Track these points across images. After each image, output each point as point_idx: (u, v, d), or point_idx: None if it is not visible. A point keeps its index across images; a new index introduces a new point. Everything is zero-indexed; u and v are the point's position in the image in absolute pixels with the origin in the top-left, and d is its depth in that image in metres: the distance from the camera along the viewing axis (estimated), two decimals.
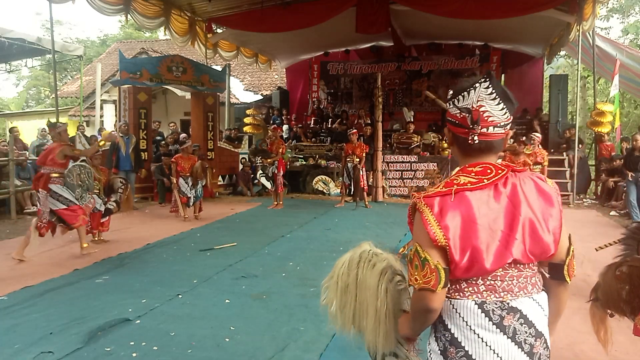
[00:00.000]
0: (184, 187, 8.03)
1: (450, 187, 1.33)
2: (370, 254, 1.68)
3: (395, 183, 10.65)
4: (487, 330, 1.30)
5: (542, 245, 1.32)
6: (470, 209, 1.29)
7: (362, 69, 14.71)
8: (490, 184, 1.33)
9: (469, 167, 1.39)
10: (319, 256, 5.52)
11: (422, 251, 1.31)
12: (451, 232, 1.28)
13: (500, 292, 1.31)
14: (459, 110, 1.38)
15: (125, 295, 4.15)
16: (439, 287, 1.28)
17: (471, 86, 1.37)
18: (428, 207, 1.32)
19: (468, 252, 1.28)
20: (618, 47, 11.70)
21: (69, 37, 29.01)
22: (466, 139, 1.38)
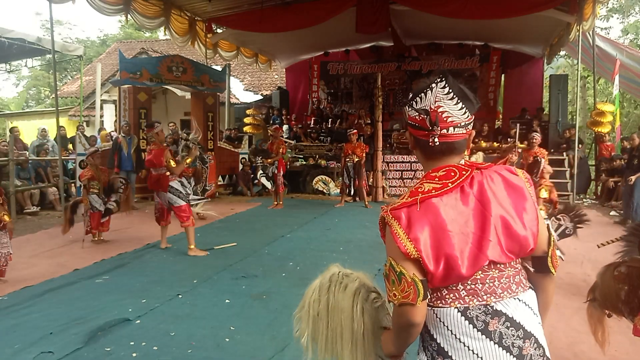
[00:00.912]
0: None
1: (416, 196, 1.29)
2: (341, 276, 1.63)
3: (395, 183, 10.65)
4: (472, 337, 1.26)
5: (519, 241, 1.29)
6: (438, 216, 1.26)
7: (362, 69, 14.71)
8: (455, 187, 1.29)
9: (432, 173, 1.35)
10: (319, 256, 5.52)
11: (396, 265, 1.28)
12: (422, 243, 1.24)
13: (483, 295, 1.27)
14: (417, 112, 1.34)
15: (125, 295, 4.15)
16: (419, 300, 1.24)
17: (428, 87, 1.33)
18: (396, 220, 1.29)
19: (442, 261, 1.24)
20: (618, 47, 11.70)
21: (69, 37, 29.03)
22: (427, 142, 1.34)
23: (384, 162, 10.43)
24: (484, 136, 11.24)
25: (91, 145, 9.27)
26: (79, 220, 6.45)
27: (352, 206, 9.41)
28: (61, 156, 9.07)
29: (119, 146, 9.05)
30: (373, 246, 6.05)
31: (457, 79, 1.40)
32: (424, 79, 1.47)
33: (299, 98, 15.57)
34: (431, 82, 1.34)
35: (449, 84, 1.32)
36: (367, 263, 5.24)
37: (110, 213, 6.40)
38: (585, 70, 15.76)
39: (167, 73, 10.29)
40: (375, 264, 5.20)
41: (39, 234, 6.95)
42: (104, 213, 6.31)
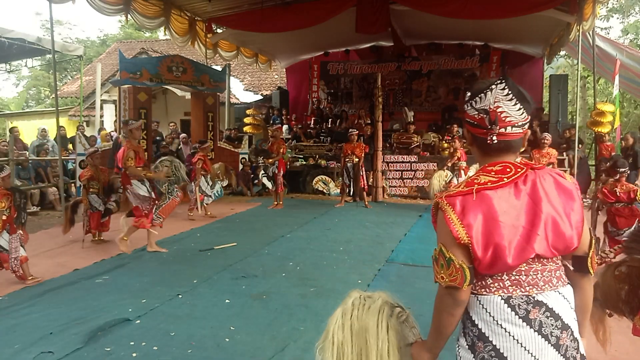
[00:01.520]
0: (205, 185, 8.14)
1: (472, 186, 1.38)
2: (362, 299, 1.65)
3: (395, 183, 10.65)
4: (514, 324, 1.33)
5: (565, 239, 1.36)
6: (492, 207, 1.34)
7: (362, 69, 14.70)
8: (510, 182, 1.37)
9: (488, 167, 1.43)
10: (319, 256, 5.52)
11: (446, 251, 1.36)
12: (474, 230, 1.33)
13: (526, 286, 1.35)
14: (477, 111, 1.42)
15: (125, 295, 4.15)
16: (465, 285, 1.34)
17: (488, 88, 1.41)
18: (450, 207, 1.37)
19: (491, 249, 1.32)
20: (618, 47, 11.69)
21: (69, 37, 29.03)
22: (485, 139, 1.42)
23: (384, 162, 10.43)
24: None
25: (91, 145, 9.28)
26: (79, 220, 6.45)
27: (352, 206, 9.41)
28: (61, 156, 9.07)
29: (119, 146, 9.03)
30: (373, 246, 6.05)
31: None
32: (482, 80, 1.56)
33: (299, 98, 15.56)
34: (491, 84, 1.41)
35: (508, 85, 1.40)
36: (367, 263, 5.24)
37: (110, 213, 6.41)
38: (585, 70, 15.76)
39: (167, 73, 10.28)
40: (375, 263, 5.21)
41: (39, 234, 6.95)
42: (104, 213, 6.31)
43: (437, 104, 13.91)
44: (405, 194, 10.54)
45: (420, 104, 14.10)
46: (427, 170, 10.44)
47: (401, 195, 10.55)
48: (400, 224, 7.46)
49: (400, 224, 7.51)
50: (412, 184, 10.51)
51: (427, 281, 4.59)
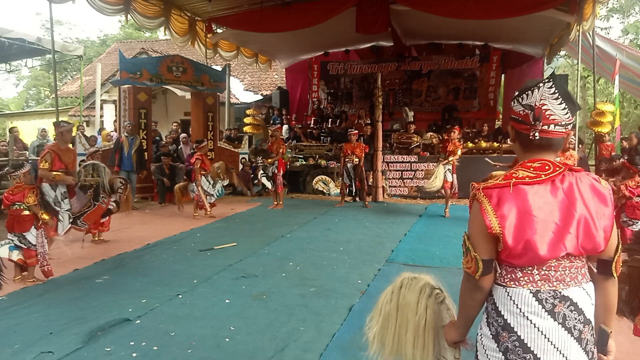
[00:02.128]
0: (206, 185, 8.14)
1: (509, 179, 1.42)
2: (410, 279, 1.81)
3: (395, 183, 10.65)
4: (539, 316, 1.39)
5: (594, 242, 1.40)
6: (527, 202, 1.39)
7: (362, 69, 14.70)
8: (547, 179, 1.41)
9: (528, 163, 1.47)
10: (319, 256, 5.52)
11: (467, 241, 1.46)
12: (507, 221, 1.38)
13: (554, 281, 1.40)
14: (523, 107, 1.46)
15: (125, 295, 4.15)
16: (477, 275, 1.42)
17: (535, 86, 1.44)
18: (487, 198, 1.43)
19: (522, 241, 1.37)
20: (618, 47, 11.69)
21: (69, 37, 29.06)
22: (527, 135, 1.46)
23: (384, 162, 10.42)
24: (484, 136, 11.24)
25: (91, 145, 9.29)
26: None
27: (352, 206, 9.40)
28: None
29: (120, 145, 9.05)
30: (373, 246, 6.05)
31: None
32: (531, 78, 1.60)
33: (299, 98, 15.56)
34: (539, 82, 1.45)
35: (556, 85, 1.43)
36: (367, 263, 5.24)
37: (110, 213, 6.40)
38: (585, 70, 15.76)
39: (167, 73, 10.29)
40: (375, 264, 5.21)
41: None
42: (104, 213, 6.30)
43: (437, 104, 13.92)
44: (405, 194, 10.54)
45: (420, 104, 14.11)
46: (427, 170, 10.44)
47: (401, 195, 10.55)
48: (400, 224, 7.46)
49: (400, 223, 7.51)
50: (412, 184, 10.51)
51: None
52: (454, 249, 5.81)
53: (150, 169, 10.10)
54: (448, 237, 6.51)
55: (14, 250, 4.59)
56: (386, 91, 13.39)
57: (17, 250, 4.60)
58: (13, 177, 4.74)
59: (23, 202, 4.63)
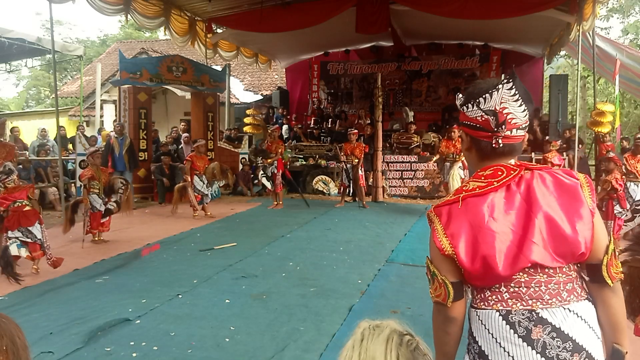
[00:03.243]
0: (200, 185, 8.13)
1: (459, 194, 1.31)
2: (371, 328, 1.57)
3: (395, 183, 10.64)
4: (513, 343, 1.23)
5: (568, 244, 1.23)
6: (478, 214, 1.26)
7: (362, 69, 14.70)
8: (500, 185, 1.28)
9: (480, 172, 1.35)
10: (319, 256, 5.52)
11: (431, 265, 1.33)
12: (459, 239, 1.25)
13: (527, 299, 1.24)
14: (483, 112, 1.31)
15: (125, 295, 4.15)
16: (449, 301, 1.28)
17: (494, 87, 1.30)
18: (437, 217, 1.32)
19: (479, 259, 1.24)
20: (618, 47, 11.69)
21: (69, 37, 29.04)
22: (489, 143, 1.32)
23: (384, 162, 10.42)
24: None
25: (91, 145, 9.28)
26: (79, 220, 6.45)
27: (352, 206, 9.40)
28: (61, 156, 9.07)
29: (111, 147, 9.12)
30: (373, 246, 6.05)
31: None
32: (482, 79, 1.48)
33: (299, 98, 15.56)
34: (497, 83, 1.31)
35: (516, 85, 1.30)
36: (367, 263, 5.24)
37: (110, 213, 6.41)
38: (585, 70, 15.75)
39: (167, 73, 10.29)
40: (375, 264, 5.21)
41: None
42: (104, 213, 6.31)
43: (437, 104, 13.92)
44: (405, 194, 10.53)
45: (420, 104, 14.11)
46: (426, 170, 10.44)
47: (401, 195, 10.54)
48: (400, 224, 7.46)
49: (400, 224, 7.51)
50: (412, 184, 10.50)
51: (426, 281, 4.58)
52: None
53: (151, 169, 10.11)
54: None
55: (21, 248, 4.75)
56: (386, 91, 13.38)
57: (23, 247, 4.77)
58: (7, 183, 4.84)
59: (26, 198, 4.79)
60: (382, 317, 3.73)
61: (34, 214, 4.86)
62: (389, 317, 1.62)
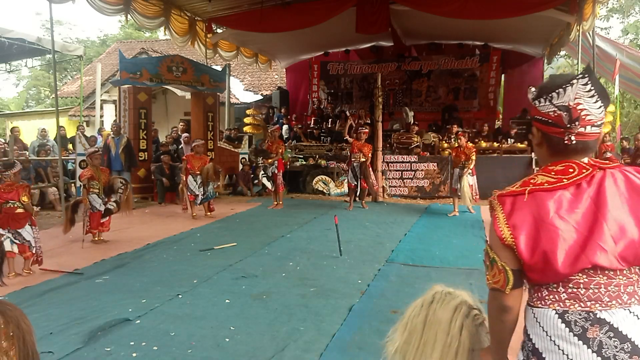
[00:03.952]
0: (192, 185, 8.13)
1: (526, 186, 1.30)
2: (443, 294, 1.65)
3: (395, 183, 10.64)
4: (568, 342, 1.22)
5: (634, 248, 1.21)
6: (543, 209, 1.25)
7: (362, 69, 14.71)
8: (570, 183, 1.26)
9: (550, 166, 1.33)
10: (319, 256, 5.52)
11: (491, 252, 1.32)
12: (520, 231, 1.25)
13: (586, 301, 1.23)
14: (555, 107, 1.29)
15: (125, 295, 4.15)
16: (508, 288, 1.28)
17: (568, 82, 1.27)
18: (500, 205, 1.32)
19: (539, 253, 1.23)
20: (618, 47, 11.69)
21: (69, 37, 29.03)
22: (561, 139, 1.30)
23: (384, 162, 10.42)
24: (484, 136, 11.24)
25: (91, 145, 9.29)
26: (79, 220, 6.45)
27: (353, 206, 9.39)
28: (61, 156, 9.07)
29: (107, 147, 9.14)
30: (373, 246, 6.05)
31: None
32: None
33: (299, 98, 15.57)
34: (572, 78, 1.28)
35: (591, 80, 1.27)
36: (367, 263, 5.24)
37: (110, 213, 6.41)
38: None
39: (167, 73, 10.29)
40: (375, 264, 5.21)
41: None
42: (104, 213, 6.31)
43: (437, 104, 13.92)
44: (405, 194, 10.53)
45: (420, 104, 14.11)
46: (427, 170, 10.44)
47: (401, 195, 10.54)
48: (400, 224, 7.46)
49: (400, 224, 7.51)
50: (412, 184, 10.50)
51: (427, 281, 4.58)
52: (454, 249, 5.82)
53: (151, 169, 10.11)
54: (448, 237, 6.52)
55: (12, 244, 4.79)
56: (386, 91, 13.39)
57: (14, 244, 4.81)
58: (4, 176, 4.81)
59: (17, 200, 4.73)
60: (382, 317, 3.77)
61: (24, 216, 4.81)
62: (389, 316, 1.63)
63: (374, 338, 3.26)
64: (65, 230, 6.21)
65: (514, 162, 10.20)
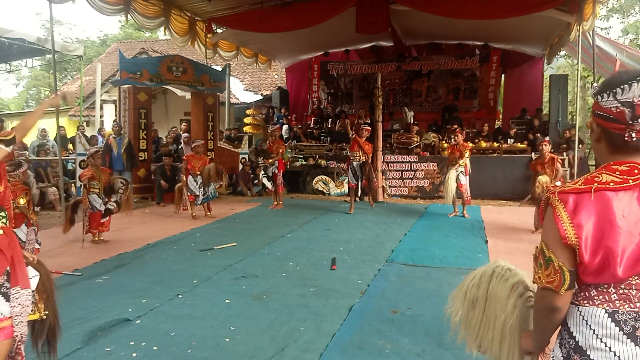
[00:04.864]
0: (193, 185, 8.12)
1: (590, 184, 1.27)
2: (504, 269, 1.68)
3: (395, 183, 10.64)
4: (617, 340, 1.23)
5: None
6: (609, 210, 1.23)
7: (362, 69, 14.71)
8: (636, 185, 1.24)
9: (613, 165, 1.30)
10: (319, 256, 5.52)
11: (547, 250, 1.29)
12: (584, 231, 1.23)
13: (637, 302, 1.23)
14: (619, 103, 1.26)
15: (125, 295, 4.15)
16: (562, 289, 1.26)
17: (634, 79, 1.25)
18: (562, 203, 1.27)
19: (600, 255, 1.22)
20: (618, 47, 11.69)
21: (69, 37, 29.06)
22: (621, 135, 1.28)
23: (384, 162, 10.42)
24: (484, 136, 11.24)
25: (92, 145, 9.29)
26: (79, 220, 6.45)
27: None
28: (61, 156, 9.07)
29: (109, 147, 9.13)
30: (373, 246, 6.05)
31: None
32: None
33: (299, 98, 15.57)
34: (637, 74, 1.26)
35: None
36: (367, 263, 5.24)
37: (110, 213, 6.41)
38: (585, 70, 15.76)
39: (167, 73, 10.29)
40: (375, 263, 5.20)
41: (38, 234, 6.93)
42: (104, 213, 6.31)
43: (437, 104, 13.92)
44: (405, 194, 10.54)
45: (420, 104, 14.11)
46: (427, 170, 10.44)
47: (401, 195, 10.55)
48: (400, 224, 7.46)
49: (400, 224, 7.51)
50: (412, 184, 10.50)
51: (427, 281, 4.59)
52: (454, 249, 5.81)
53: (151, 169, 10.11)
54: (448, 237, 6.52)
55: None
56: (386, 91, 13.39)
57: None
58: (12, 176, 4.80)
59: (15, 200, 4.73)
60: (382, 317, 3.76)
61: (19, 216, 4.76)
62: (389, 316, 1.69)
63: (374, 338, 3.27)
64: (65, 230, 6.21)
65: (514, 162, 10.20)
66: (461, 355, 2.88)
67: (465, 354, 1.72)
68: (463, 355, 2.88)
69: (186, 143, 10.99)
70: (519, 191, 9.69)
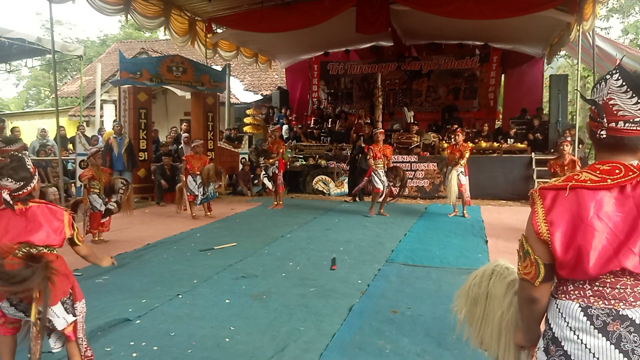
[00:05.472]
0: (192, 185, 8.12)
1: (569, 181, 1.30)
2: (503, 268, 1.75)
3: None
4: (588, 333, 1.26)
5: None
6: (583, 208, 1.25)
7: (362, 69, 14.71)
8: (614, 185, 1.25)
9: (597, 164, 1.32)
10: (319, 256, 5.52)
11: (525, 244, 1.35)
12: (558, 228, 1.26)
13: (610, 299, 1.26)
14: (594, 102, 1.33)
15: (125, 295, 4.15)
16: (537, 281, 1.31)
17: (603, 79, 1.31)
18: (540, 199, 1.33)
19: (572, 251, 1.25)
20: (618, 47, 11.69)
21: (69, 37, 29.05)
22: (596, 133, 1.34)
23: None
24: (484, 136, 11.24)
25: (92, 145, 9.29)
26: (79, 220, 6.44)
27: (352, 206, 9.40)
28: (61, 156, 9.07)
29: (110, 147, 9.13)
30: (373, 246, 6.05)
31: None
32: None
33: (299, 98, 15.57)
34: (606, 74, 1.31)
35: (622, 75, 1.28)
36: (367, 263, 5.24)
37: (110, 213, 6.40)
38: (585, 70, 15.75)
39: (167, 73, 10.29)
40: (375, 263, 5.20)
41: None
42: (104, 213, 6.31)
43: (437, 104, 13.93)
44: (405, 194, 10.53)
45: (420, 104, 14.11)
46: (427, 170, 10.44)
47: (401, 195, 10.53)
48: (400, 224, 7.46)
49: (400, 224, 7.51)
50: (412, 184, 10.50)
51: (427, 281, 4.59)
52: (454, 249, 5.81)
53: (151, 169, 10.11)
54: (448, 237, 6.52)
55: None
56: (386, 91, 13.40)
57: None
58: None
59: None
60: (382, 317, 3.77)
61: None
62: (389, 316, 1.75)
63: (374, 338, 3.26)
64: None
65: (514, 162, 10.20)
66: (461, 355, 2.89)
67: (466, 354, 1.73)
68: (463, 355, 2.89)
69: (186, 143, 10.99)
70: (519, 191, 9.69)
